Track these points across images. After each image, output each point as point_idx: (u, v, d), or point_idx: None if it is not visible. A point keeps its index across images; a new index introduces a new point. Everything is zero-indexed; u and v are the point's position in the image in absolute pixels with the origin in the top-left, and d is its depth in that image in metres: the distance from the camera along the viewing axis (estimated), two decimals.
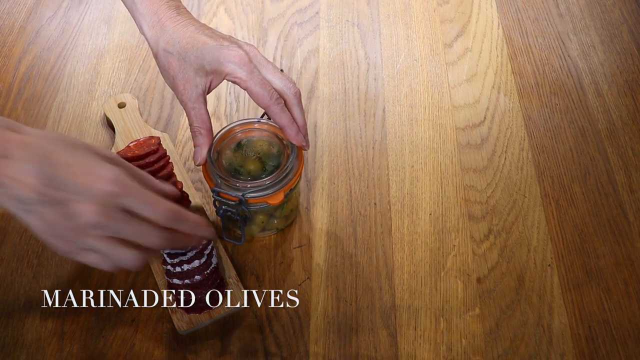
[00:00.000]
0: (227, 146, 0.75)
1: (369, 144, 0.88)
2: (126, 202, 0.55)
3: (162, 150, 0.84)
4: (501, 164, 0.86)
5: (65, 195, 0.53)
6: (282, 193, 0.71)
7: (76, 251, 0.56)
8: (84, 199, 0.53)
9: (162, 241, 0.58)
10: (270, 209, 0.74)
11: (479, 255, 0.78)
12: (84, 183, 0.53)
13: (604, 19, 1.04)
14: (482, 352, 0.71)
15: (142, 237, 0.57)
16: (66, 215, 0.54)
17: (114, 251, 0.56)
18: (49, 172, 0.53)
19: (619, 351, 0.71)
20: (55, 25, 1.03)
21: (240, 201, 0.70)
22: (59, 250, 0.56)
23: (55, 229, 0.55)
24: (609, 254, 0.78)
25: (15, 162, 0.53)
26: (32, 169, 0.53)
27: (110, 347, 0.71)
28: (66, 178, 0.53)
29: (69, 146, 0.56)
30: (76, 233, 0.55)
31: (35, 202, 0.53)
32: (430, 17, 1.04)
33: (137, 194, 0.55)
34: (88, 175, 0.54)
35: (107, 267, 0.58)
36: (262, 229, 0.77)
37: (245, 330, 0.72)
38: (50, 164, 0.54)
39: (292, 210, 0.79)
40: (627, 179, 0.84)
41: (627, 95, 0.93)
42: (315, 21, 1.04)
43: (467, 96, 0.94)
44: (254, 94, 0.70)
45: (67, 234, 0.55)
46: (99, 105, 0.93)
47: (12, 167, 0.53)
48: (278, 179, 0.71)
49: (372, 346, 0.71)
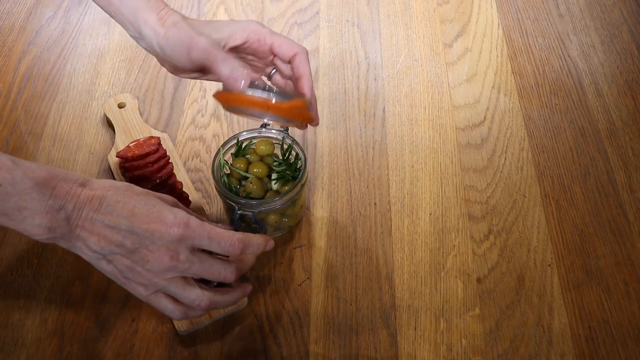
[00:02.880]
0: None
1: (369, 144, 0.88)
2: (197, 243, 0.59)
3: (162, 150, 0.84)
4: (501, 164, 0.86)
5: (139, 242, 0.57)
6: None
7: (153, 295, 0.60)
8: (156, 245, 0.57)
9: (233, 273, 0.61)
10: (282, 208, 0.74)
11: (479, 255, 0.78)
12: (155, 230, 0.57)
13: (604, 19, 1.04)
14: (482, 352, 0.71)
15: (214, 273, 0.60)
16: (141, 262, 0.57)
17: (184, 291, 0.60)
18: (121, 223, 0.57)
19: (619, 351, 0.71)
20: (55, 25, 1.03)
21: (255, 220, 0.72)
22: (136, 293, 0.60)
23: (131, 274, 0.58)
24: (609, 254, 0.78)
25: (89, 215, 0.57)
26: (105, 222, 0.57)
27: (110, 347, 0.71)
28: (139, 227, 0.56)
29: (134, 195, 0.59)
30: (151, 276, 0.58)
31: (111, 252, 0.57)
32: (430, 17, 1.04)
33: (206, 233, 0.59)
34: (158, 222, 0.57)
35: (178, 315, 0.62)
36: (275, 228, 0.77)
37: (245, 330, 0.72)
38: (121, 215, 0.57)
39: (302, 206, 0.79)
40: (627, 179, 0.84)
41: (627, 95, 0.93)
42: (315, 21, 1.04)
43: (467, 96, 0.94)
44: (283, 44, 0.71)
45: (142, 279, 0.59)
46: (99, 105, 0.93)
47: (87, 220, 0.57)
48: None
49: (372, 346, 0.71)
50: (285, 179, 0.75)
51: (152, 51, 0.71)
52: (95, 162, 0.86)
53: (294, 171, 0.76)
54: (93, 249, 0.58)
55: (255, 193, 0.74)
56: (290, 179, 0.76)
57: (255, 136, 0.78)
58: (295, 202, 0.75)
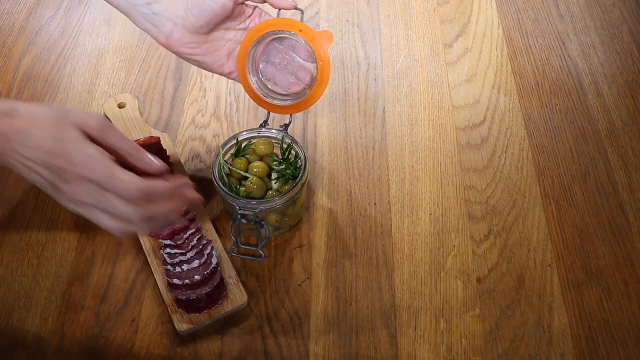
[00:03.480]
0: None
1: (369, 144, 0.88)
2: (100, 184, 0.60)
3: (162, 150, 0.84)
4: (501, 164, 0.86)
5: (54, 177, 0.61)
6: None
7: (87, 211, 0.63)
8: (68, 182, 0.61)
9: (137, 214, 0.62)
10: (283, 208, 0.74)
11: (479, 255, 0.78)
12: (64, 168, 0.60)
13: (604, 19, 1.04)
14: (482, 352, 0.71)
15: (118, 212, 0.61)
16: (60, 192, 0.61)
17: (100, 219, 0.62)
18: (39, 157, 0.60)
19: (619, 351, 0.71)
20: (55, 25, 1.03)
21: (255, 220, 0.72)
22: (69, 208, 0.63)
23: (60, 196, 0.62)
24: (609, 254, 0.78)
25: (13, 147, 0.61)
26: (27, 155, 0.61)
27: (110, 347, 0.71)
28: (52, 164, 0.60)
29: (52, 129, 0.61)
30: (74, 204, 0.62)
31: (39, 179, 0.61)
32: (430, 17, 1.04)
33: (107, 178, 0.60)
34: (66, 161, 0.60)
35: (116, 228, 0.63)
36: (275, 228, 0.77)
37: (245, 330, 0.72)
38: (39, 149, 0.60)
39: (302, 205, 0.79)
40: (627, 179, 0.84)
41: (627, 95, 0.93)
42: (315, 21, 1.04)
43: (467, 96, 0.94)
44: None
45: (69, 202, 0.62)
46: (99, 105, 0.93)
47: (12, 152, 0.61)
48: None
49: (372, 346, 0.71)
50: (286, 178, 0.76)
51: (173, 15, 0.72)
52: None
53: (294, 170, 0.76)
54: (24, 174, 0.61)
55: (255, 193, 0.75)
56: (291, 178, 0.76)
57: (254, 136, 0.78)
58: (295, 201, 0.75)
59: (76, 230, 0.79)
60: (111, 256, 0.78)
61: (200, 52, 0.74)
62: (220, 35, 0.74)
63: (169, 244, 0.75)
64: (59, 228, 0.80)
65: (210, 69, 0.76)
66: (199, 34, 0.73)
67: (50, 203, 0.82)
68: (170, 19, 0.72)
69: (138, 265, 0.77)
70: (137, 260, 0.77)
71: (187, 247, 0.74)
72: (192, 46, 0.73)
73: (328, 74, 0.73)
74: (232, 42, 0.75)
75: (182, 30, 0.72)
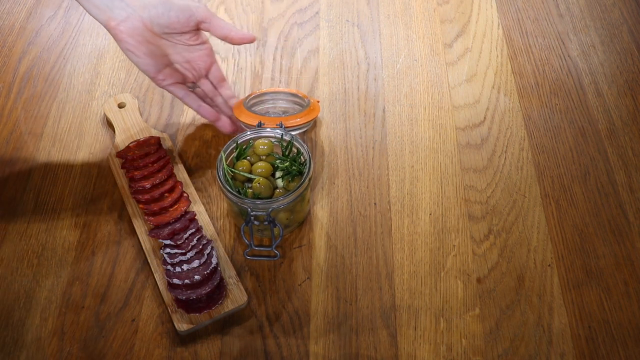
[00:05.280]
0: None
1: (369, 144, 0.88)
2: None
3: (162, 150, 0.84)
4: (501, 164, 0.86)
5: None
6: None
7: None
8: None
9: None
10: (293, 204, 0.74)
11: (479, 255, 0.78)
12: None
13: (604, 19, 1.04)
14: (482, 352, 0.71)
15: None
16: None
17: None
18: None
19: (619, 351, 0.71)
20: (55, 25, 1.03)
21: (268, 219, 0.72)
22: None
23: None
24: (609, 254, 0.78)
25: None
26: None
27: (110, 347, 0.71)
28: None
29: None
30: None
31: None
32: (430, 17, 1.04)
33: None
34: None
35: None
36: (285, 226, 0.77)
37: (245, 330, 0.72)
38: None
39: (308, 201, 0.79)
40: (627, 179, 0.84)
41: (627, 95, 0.93)
42: (315, 21, 1.04)
43: (467, 96, 0.94)
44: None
45: None
46: (99, 105, 0.93)
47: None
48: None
49: (372, 346, 0.71)
50: (292, 175, 0.75)
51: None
52: (95, 162, 0.86)
53: (299, 166, 0.76)
54: None
55: (264, 193, 0.74)
56: (296, 174, 0.75)
57: (253, 137, 0.78)
58: (304, 196, 0.75)
59: (76, 230, 0.80)
60: (111, 256, 0.78)
61: (143, 50, 0.75)
62: (167, 44, 0.77)
63: (169, 244, 0.75)
64: (59, 228, 0.80)
65: (144, 70, 0.78)
66: (151, 32, 0.73)
67: (50, 203, 0.82)
68: (130, 6, 0.72)
69: (138, 265, 0.77)
70: (137, 260, 0.77)
71: (187, 247, 0.74)
72: (138, 40, 0.74)
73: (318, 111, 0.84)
74: (174, 55, 0.79)
75: (138, 22, 0.72)
